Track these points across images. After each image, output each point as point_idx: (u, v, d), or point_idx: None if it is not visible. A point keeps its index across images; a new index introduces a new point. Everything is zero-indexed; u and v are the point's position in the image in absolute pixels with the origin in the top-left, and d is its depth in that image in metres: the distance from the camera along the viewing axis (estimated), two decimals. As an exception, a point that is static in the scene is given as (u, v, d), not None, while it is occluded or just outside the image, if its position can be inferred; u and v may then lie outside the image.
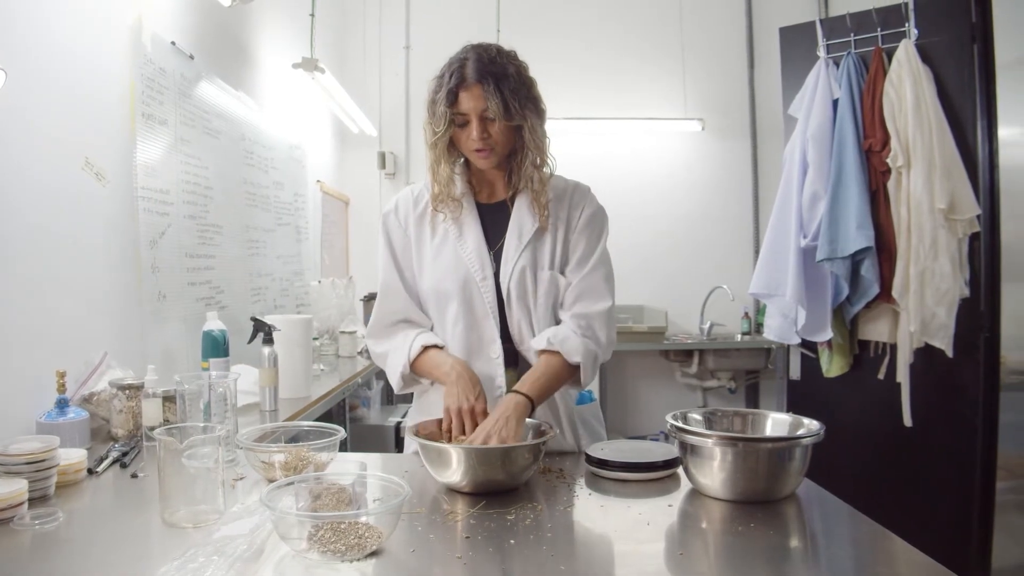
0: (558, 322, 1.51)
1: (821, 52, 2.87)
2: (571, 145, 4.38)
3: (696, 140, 4.61)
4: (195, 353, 2.17)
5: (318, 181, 3.92)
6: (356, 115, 3.81)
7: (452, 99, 1.40)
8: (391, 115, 4.60)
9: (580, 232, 1.51)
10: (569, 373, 1.45)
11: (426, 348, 1.46)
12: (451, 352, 1.47)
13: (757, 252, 3.87)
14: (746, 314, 4.44)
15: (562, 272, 1.50)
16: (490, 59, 1.40)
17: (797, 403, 3.00)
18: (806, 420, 1.29)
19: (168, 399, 1.61)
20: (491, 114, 1.39)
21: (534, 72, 1.46)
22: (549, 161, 1.50)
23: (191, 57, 2.37)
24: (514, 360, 1.49)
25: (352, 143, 4.54)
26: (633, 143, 4.61)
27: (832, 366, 2.86)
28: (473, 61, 1.40)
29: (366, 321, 3.84)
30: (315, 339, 3.14)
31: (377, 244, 1.56)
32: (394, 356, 1.49)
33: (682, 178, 4.63)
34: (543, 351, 1.45)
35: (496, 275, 1.47)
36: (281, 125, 3.32)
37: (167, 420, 1.59)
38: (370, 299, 3.86)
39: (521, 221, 1.50)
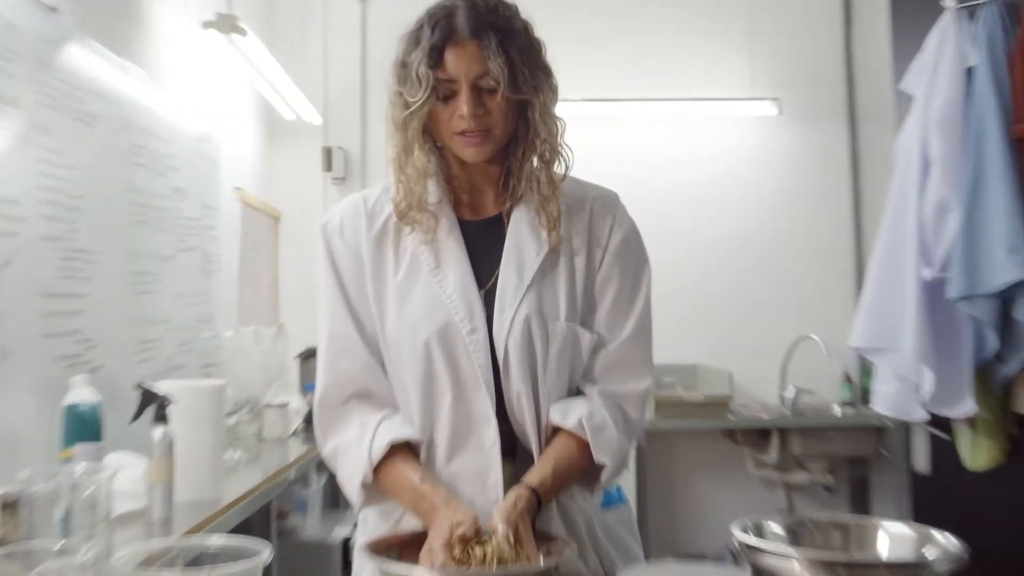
0: (573, 391, 1.52)
1: (949, 0, 2.90)
2: (587, 138, 4.33)
3: (769, 128, 4.64)
4: (52, 437, 2.13)
5: (237, 188, 3.93)
6: (291, 95, 3.82)
7: (436, 58, 1.42)
8: (341, 95, 4.63)
9: (611, 264, 1.54)
10: (585, 470, 1.48)
11: (395, 447, 1.45)
12: (433, 441, 1.48)
13: (860, 287, 3.85)
14: (847, 377, 4.41)
15: (583, 322, 1.51)
16: (488, 9, 1.44)
17: (926, 508, 2.99)
18: (939, 535, 1.27)
19: (8, 506, 1.55)
20: (492, 80, 1.41)
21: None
22: (564, 153, 1.51)
23: (54, 9, 2.37)
24: (512, 447, 1.49)
25: (285, 135, 4.56)
26: (677, 134, 4.64)
27: (977, 454, 2.83)
28: (466, 10, 1.43)
29: (303, 388, 3.82)
30: (230, 415, 3.13)
31: (319, 277, 1.56)
32: (350, 457, 1.48)
33: (749, 182, 4.65)
34: (567, 431, 1.46)
35: (489, 327, 1.47)
36: (185, 109, 3.33)
37: (5, 538, 1.56)
38: (310, 356, 3.83)
39: (521, 246, 1.51)
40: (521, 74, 1.42)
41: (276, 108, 4.14)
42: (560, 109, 1.52)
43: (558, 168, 1.52)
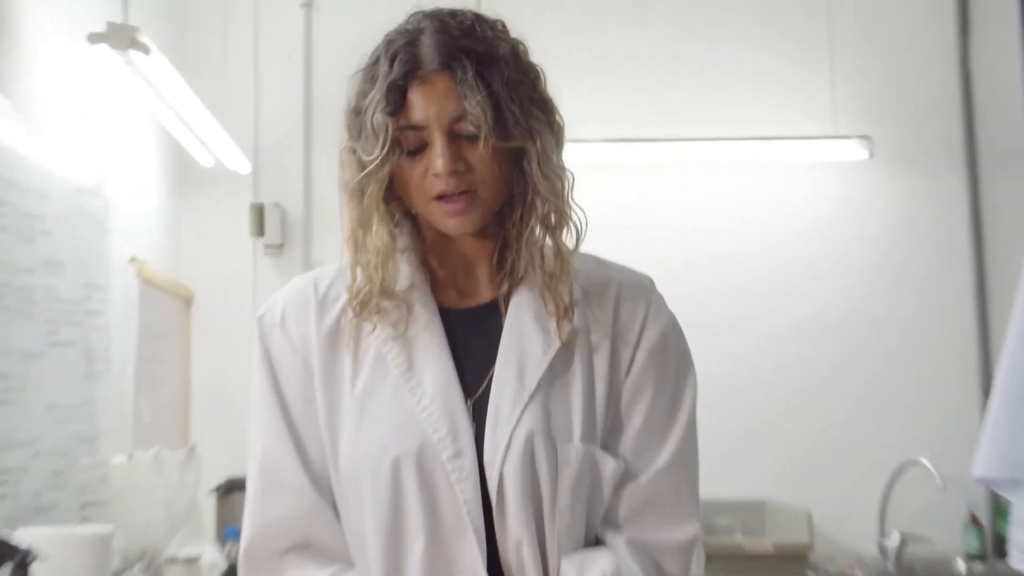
0: (592, 539, 1.52)
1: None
2: (607, 192, 4.39)
3: (857, 176, 4.67)
4: None
5: (133, 260, 3.92)
6: (211, 133, 3.82)
7: (396, 101, 1.45)
8: (278, 134, 4.66)
9: (643, 369, 1.55)
10: None
11: None
12: None
13: (986, 395, 3.82)
14: (973, 519, 4.38)
15: (605, 445, 1.53)
16: (463, 30, 1.47)
17: None
18: None
19: None
20: (471, 125, 1.43)
21: (547, 66, 1.53)
22: (574, 218, 1.53)
23: None
24: (506, 615, 1.48)
25: (202, 187, 4.58)
26: (731, 186, 4.68)
27: None
28: (432, 33, 1.46)
29: (222, 535, 3.78)
30: (118, 575, 3.06)
31: (250, 384, 1.58)
32: None
33: (831, 251, 4.66)
34: None
35: (479, 449, 1.48)
36: (64, 151, 3.33)
37: None
38: (232, 491, 3.79)
39: (523, 340, 1.52)
40: (510, 113, 1.44)
41: (189, 151, 4.12)
42: (571, 153, 1.53)
43: (568, 238, 1.54)
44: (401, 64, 1.44)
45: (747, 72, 4.70)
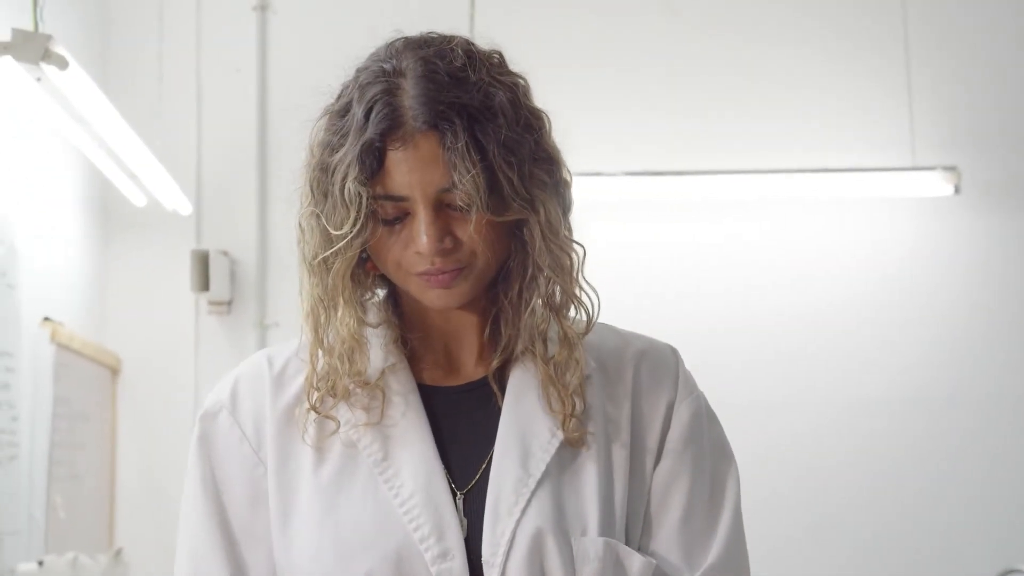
0: None
1: None
2: (634, 239, 4.44)
3: (940, 216, 4.69)
4: None
5: (47, 320, 3.94)
6: (142, 166, 3.83)
7: (373, 166, 1.44)
8: (225, 168, 4.68)
9: (675, 458, 1.55)
10: None
11: None
12: None
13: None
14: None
15: (628, 540, 1.51)
16: (453, 76, 1.44)
17: None
18: None
19: None
20: (463, 199, 1.42)
21: (554, 84, 1.52)
22: (584, 300, 1.53)
23: None
24: None
25: (131, 232, 4.60)
26: (786, 229, 4.70)
27: None
28: (417, 81, 1.44)
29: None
30: None
31: (185, 478, 1.57)
32: None
33: (910, 304, 4.67)
34: None
35: (473, 551, 1.47)
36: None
37: None
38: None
39: (526, 423, 1.52)
40: (507, 183, 1.43)
41: (116, 187, 4.13)
42: (583, 190, 1.52)
43: (577, 315, 1.54)
44: (379, 120, 1.42)
45: (805, 92, 4.74)
